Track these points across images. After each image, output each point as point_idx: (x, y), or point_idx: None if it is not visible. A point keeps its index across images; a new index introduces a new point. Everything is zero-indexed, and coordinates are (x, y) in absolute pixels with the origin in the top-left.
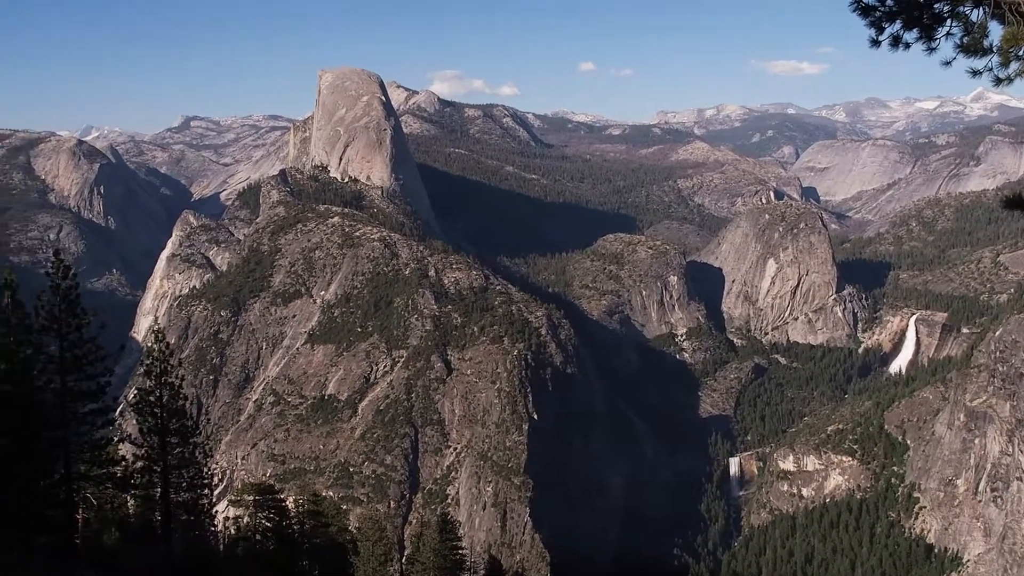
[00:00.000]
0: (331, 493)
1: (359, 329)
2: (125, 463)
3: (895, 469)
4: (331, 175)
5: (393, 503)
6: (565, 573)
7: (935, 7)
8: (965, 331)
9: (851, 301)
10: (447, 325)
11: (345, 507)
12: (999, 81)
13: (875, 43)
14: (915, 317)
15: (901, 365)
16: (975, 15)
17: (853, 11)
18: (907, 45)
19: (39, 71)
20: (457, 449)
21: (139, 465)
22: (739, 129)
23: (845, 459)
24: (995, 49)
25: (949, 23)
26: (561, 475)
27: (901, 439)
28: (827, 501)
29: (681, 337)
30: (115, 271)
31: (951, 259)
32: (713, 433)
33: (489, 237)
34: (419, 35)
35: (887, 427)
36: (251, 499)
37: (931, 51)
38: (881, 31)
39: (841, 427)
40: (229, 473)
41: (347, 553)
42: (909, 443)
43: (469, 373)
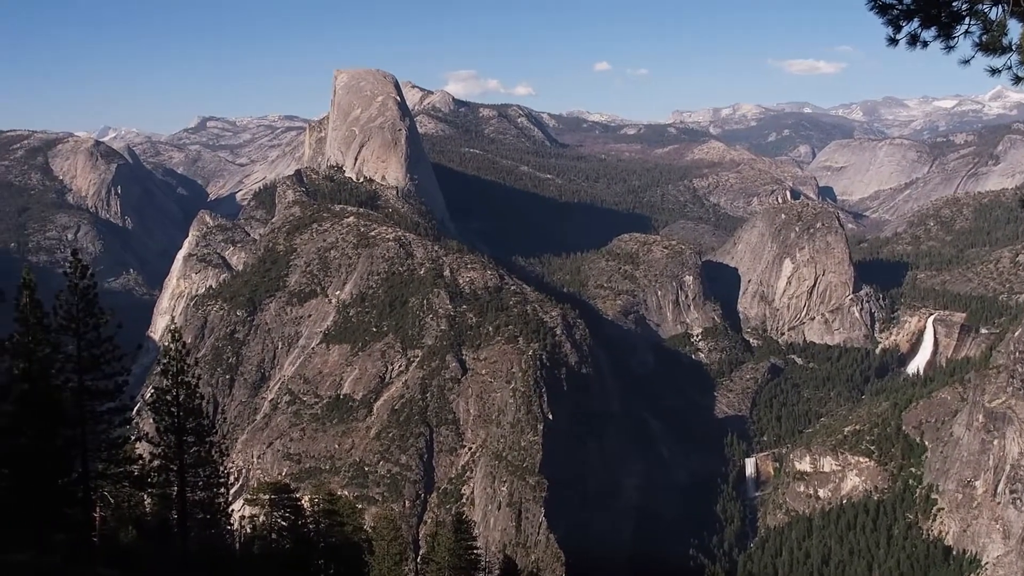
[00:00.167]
0: (346, 492)
1: (374, 329)
2: (142, 462)
3: (913, 470)
4: (346, 175)
5: (408, 502)
6: (579, 573)
7: (953, 5)
8: (984, 331)
9: (868, 301)
10: (462, 325)
11: (360, 506)
12: (1018, 79)
13: (893, 41)
14: (933, 317)
15: (919, 366)
16: (994, 13)
17: (871, 9)
18: (925, 43)
19: (57, 73)
20: (472, 449)
21: (156, 464)
22: (755, 128)
23: (862, 460)
24: (1014, 47)
25: (967, 21)
26: (576, 475)
27: (919, 440)
28: (844, 502)
29: (697, 337)
30: (132, 271)
31: (969, 259)
32: (729, 433)
33: (504, 237)
34: (434, 35)
35: (905, 428)
36: (267, 498)
37: (949, 49)
38: (899, 29)
39: (858, 428)
40: (245, 472)
41: (362, 552)
42: (927, 444)
43: (484, 373)
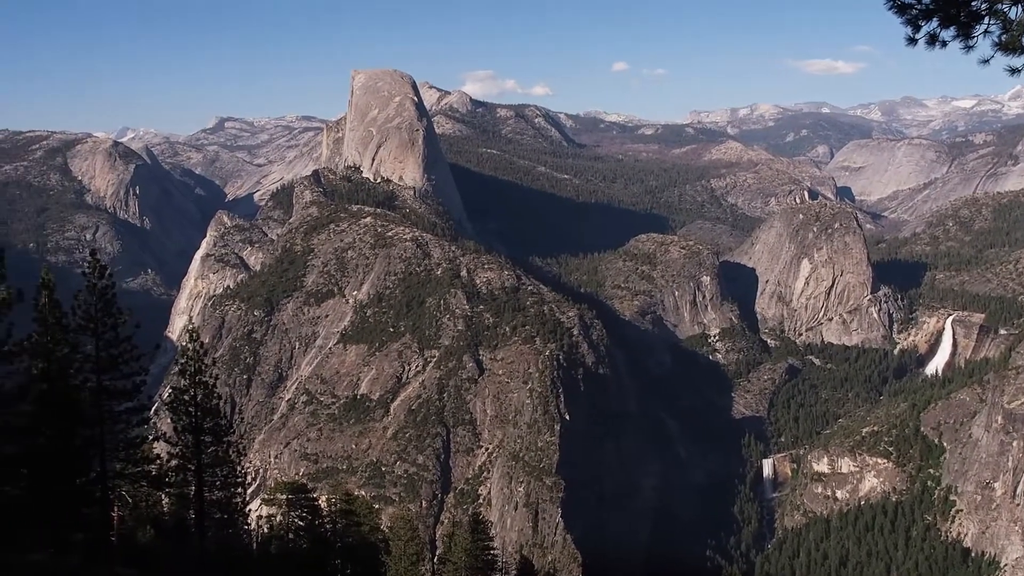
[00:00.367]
0: (363, 492)
1: (391, 329)
2: (160, 461)
3: (931, 472)
4: (364, 175)
5: (425, 503)
6: (596, 574)
7: (972, 4)
8: (1003, 332)
9: (886, 302)
10: (479, 325)
11: (377, 506)
12: None
13: (911, 41)
14: (952, 318)
15: (937, 366)
16: (1013, 12)
17: (889, 9)
18: (944, 43)
19: (76, 74)
20: (489, 449)
21: (173, 463)
22: (773, 129)
23: (880, 461)
24: None
25: (987, 20)
26: (593, 476)
27: (937, 441)
28: (862, 503)
29: (714, 338)
30: (150, 271)
31: (988, 259)
32: (746, 434)
33: (521, 237)
34: (451, 35)
35: (923, 429)
36: (284, 498)
37: (968, 49)
38: (917, 29)
39: (876, 429)
40: (262, 472)
41: (379, 552)
42: (946, 445)
43: (501, 373)
